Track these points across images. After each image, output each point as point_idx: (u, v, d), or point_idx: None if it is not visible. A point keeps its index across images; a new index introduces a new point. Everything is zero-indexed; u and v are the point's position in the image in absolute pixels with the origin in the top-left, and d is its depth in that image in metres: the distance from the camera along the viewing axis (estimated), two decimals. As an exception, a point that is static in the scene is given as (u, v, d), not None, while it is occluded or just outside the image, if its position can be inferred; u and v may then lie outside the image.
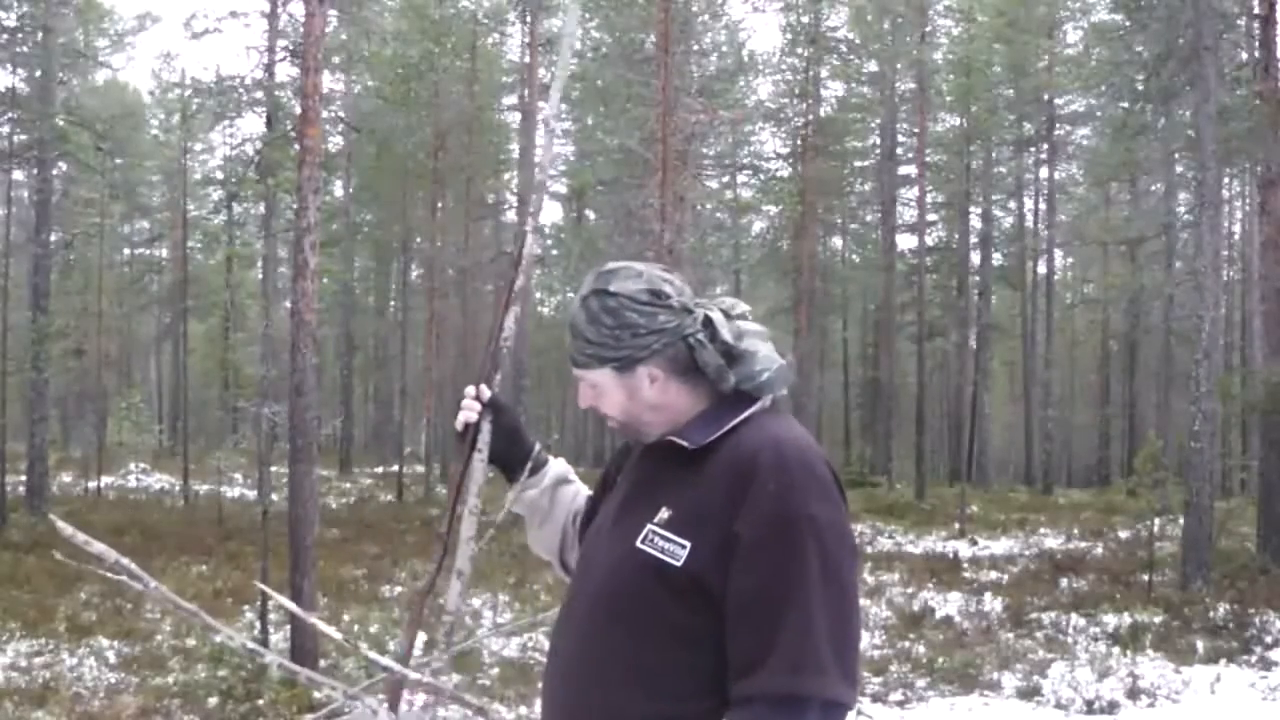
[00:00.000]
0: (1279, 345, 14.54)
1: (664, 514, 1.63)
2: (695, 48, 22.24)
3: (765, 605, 1.53)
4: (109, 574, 1.69)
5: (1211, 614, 10.83)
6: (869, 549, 16.60)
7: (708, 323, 1.69)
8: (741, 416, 1.67)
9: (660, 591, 1.60)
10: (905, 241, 32.55)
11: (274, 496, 11.90)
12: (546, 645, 1.86)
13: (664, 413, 1.72)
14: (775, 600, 1.52)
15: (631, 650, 1.61)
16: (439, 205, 26.95)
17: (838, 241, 38.24)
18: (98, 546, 1.65)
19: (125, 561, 1.67)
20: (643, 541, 1.63)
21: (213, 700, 7.68)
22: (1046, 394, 31.54)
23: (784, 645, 1.50)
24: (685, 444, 1.66)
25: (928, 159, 30.28)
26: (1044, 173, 33.49)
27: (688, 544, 1.58)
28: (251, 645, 1.86)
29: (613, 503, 1.79)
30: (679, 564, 1.58)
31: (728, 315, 1.73)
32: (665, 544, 1.60)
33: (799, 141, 29.95)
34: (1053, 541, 17.47)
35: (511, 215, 31.65)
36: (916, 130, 29.94)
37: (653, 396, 1.71)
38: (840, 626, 1.54)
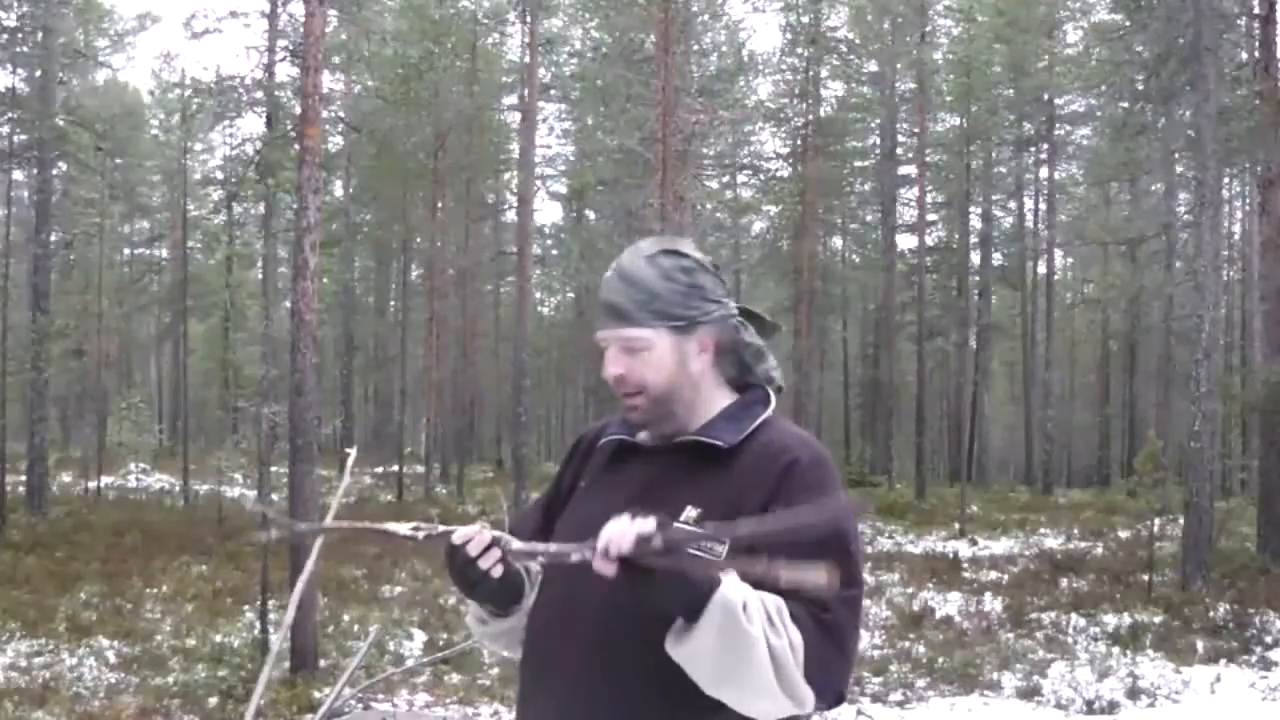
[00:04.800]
0: (1279, 345, 14.55)
1: (690, 513, 1.60)
2: (695, 48, 22.24)
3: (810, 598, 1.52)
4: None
5: (1211, 614, 10.83)
6: (869, 549, 16.61)
7: (745, 312, 1.77)
8: (764, 416, 1.69)
9: None
10: (905, 241, 32.58)
11: (274, 496, 11.90)
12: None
13: (699, 394, 1.70)
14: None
15: (653, 659, 1.54)
16: (439, 205, 26.96)
17: (838, 241, 38.23)
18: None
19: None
20: None
21: (213, 700, 7.68)
22: (1046, 394, 31.53)
23: (822, 628, 1.52)
24: (719, 443, 1.65)
25: (928, 159, 30.28)
26: (1044, 173, 33.48)
27: (725, 544, 1.55)
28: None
29: (606, 505, 1.59)
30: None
31: None
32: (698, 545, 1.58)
33: (799, 141, 29.96)
34: (1053, 541, 17.47)
35: (511, 215, 31.64)
36: (916, 130, 29.94)
37: (698, 366, 1.69)
38: (855, 620, 1.59)
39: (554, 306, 41.94)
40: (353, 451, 2.03)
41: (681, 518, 1.59)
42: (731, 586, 1.46)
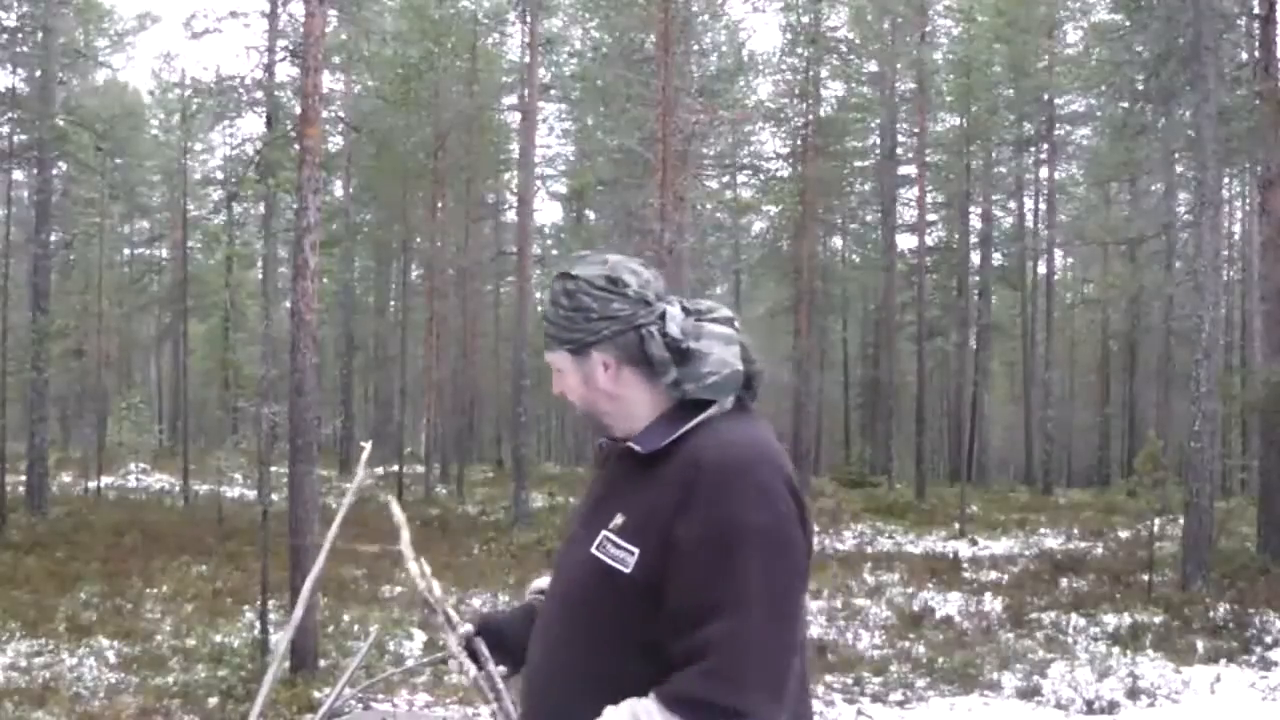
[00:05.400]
0: (1279, 345, 14.55)
1: (618, 520, 1.62)
2: (695, 48, 22.23)
3: (696, 612, 1.51)
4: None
5: (1211, 614, 10.83)
6: (869, 549, 16.60)
7: (664, 317, 1.68)
8: (696, 421, 1.64)
9: (613, 598, 1.59)
10: (905, 241, 32.60)
11: (274, 496, 11.90)
12: None
13: (620, 404, 1.71)
14: (706, 607, 1.50)
15: (586, 658, 1.61)
16: (439, 205, 26.96)
17: (838, 241, 38.24)
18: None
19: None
20: (597, 548, 1.63)
21: (213, 700, 7.68)
22: (1046, 394, 31.53)
23: (719, 655, 1.49)
24: (637, 449, 1.65)
25: (928, 159, 30.29)
26: (1044, 173, 33.50)
27: (636, 550, 1.57)
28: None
29: (583, 508, 1.77)
30: (628, 570, 1.57)
31: (699, 315, 1.72)
32: (616, 550, 1.60)
33: (799, 141, 29.94)
34: (1053, 541, 17.48)
35: (511, 215, 31.64)
36: (916, 130, 29.95)
37: (607, 384, 1.70)
38: (769, 639, 1.51)
39: (554, 306, 41.84)
40: (367, 446, 2.05)
41: (610, 525, 1.63)
42: None
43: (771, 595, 1.52)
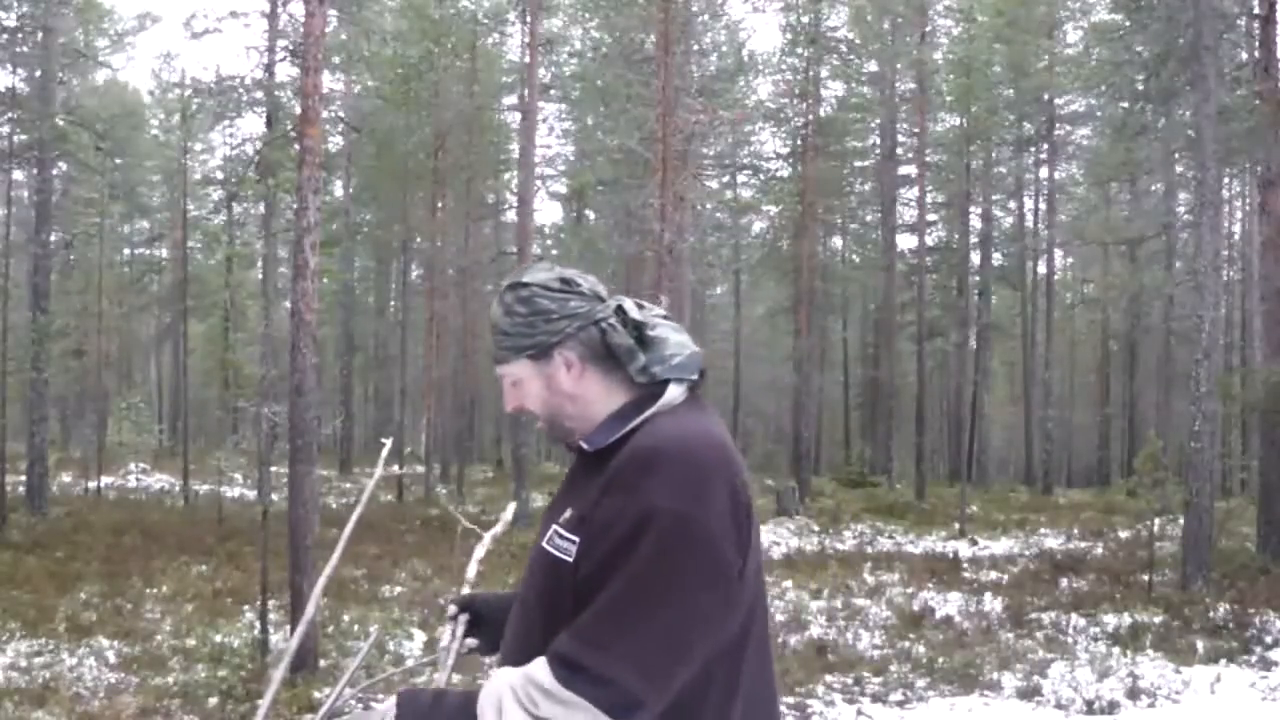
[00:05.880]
0: (1279, 345, 14.55)
1: (567, 514, 1.65)
2: (695, 48, 22.23)
3: (593, 583, 1.54)
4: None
5: (1211, 614, 10.83)
6: (869, 549, 16.60)
7: (620, 310, 1.73)
8: (644, 416, 1.66)
9: (560, 590, 1.61)
10: (905, 241, 32.60)
11: (274, 496, 11.91)
12: None
13: (582, 405, 1.73)
14: (600, 580, 1.52)
15: (541, 649, 1.61)
16: (439, 205, 26.96)
17: (838, 241, 38.26)
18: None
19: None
20: (547, 542, 1.66)
21: (213, 700, 7.68)
22: (1046, 394, 31.54)
23: (585, 619, 1.51)
24: (585, 446, 1.69)
25: (928, 159, 30.28)
26: (1044, 173, 33.50)
27: (577, 539, 1.60)
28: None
29: (546, 511, 1.81)
30: (570, 560, 1.60)
31: (639, 306, 1.77)
32: (562, 542, 1.62)
33: (799, 141, 29.95)
34: (1053, 541, 17.47)
35: (511, 215, 31.64)
36: (916, 130, 29.95)
37: (569, 384, 1.72)
38: (652, 623, 1.49)
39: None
40: (388, 442, 2.07)
41: (560, 519, 1.66)
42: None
43: (666, 582, 1.50)
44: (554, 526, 1.66)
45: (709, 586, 1.53)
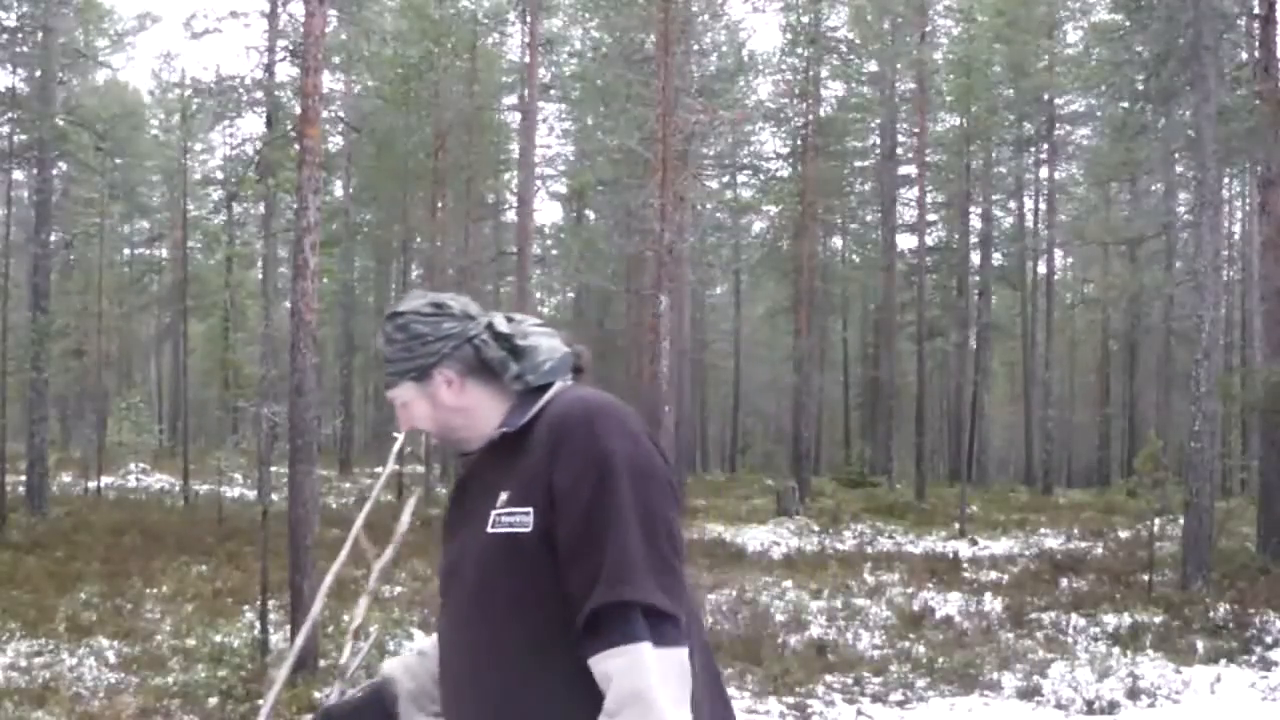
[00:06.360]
0: (1279, 345, 14.55)
1: (503, 496, 1.73)
2: (695, 48, 22.24)
3: (588, 539, 1.63)
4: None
5: (1211, 614, 10.82)
6: (869, 549, 16.60)
7: (490, 326, 1.86)
8: (549, 395, 1.80)
9: (521, 561, 1.69)
10: (905, 241, 32.60)
11: (274, 496, 11.90)
12: None
13: (469, 416, 1.86)
14: (595, 532, 1.63)
15: (513, 628, 1.70)
16: (439, 205, 26.95)
17: (838, 241, 38.26)
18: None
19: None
20: (492, 527, 1.72)
21: (213, 700, 7.68)
22: (1046, 394, 31.54)
23: (607, 566, 1.61)
24: (506, 429, 1.80)
25: (928, 159, 30.28)
26: (1044, 173, 33.52)
27: (530, 509, 1.69)
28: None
29: (456, 523, 1.87)
30: (529, 529, 1.68)
31: (510, 320, 1.89)
32: (511, 518, 1.71)
33: (799, 141, 29.96)
34: (1053, 541, 17.47)
35: (511, 215, 31.65)
36: (916, 130, 29.94)
37: (452, 399, 1.85)
38: (651, 546, 1.64)
39: (554, 306, 41.91)
40: (400, 437, 2.12)
41: (497, 504, 1.73)
42: None
43: (646, 511, 1.65)
44: (494, 513, 1.73)
45: (672, 510, 1.72)
